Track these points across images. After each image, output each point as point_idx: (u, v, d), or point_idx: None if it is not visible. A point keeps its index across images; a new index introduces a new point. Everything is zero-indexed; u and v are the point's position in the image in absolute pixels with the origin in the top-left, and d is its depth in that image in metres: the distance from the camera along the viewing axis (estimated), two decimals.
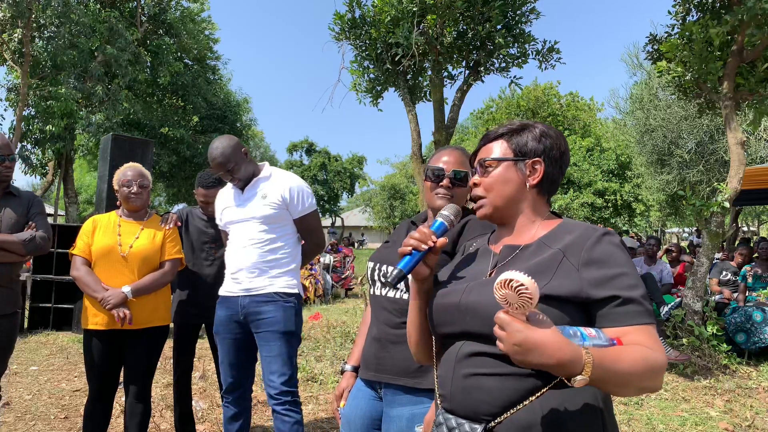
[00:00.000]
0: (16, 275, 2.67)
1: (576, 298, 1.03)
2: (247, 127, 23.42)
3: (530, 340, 0.88)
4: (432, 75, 6.46)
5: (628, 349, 0.97)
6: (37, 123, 13.61)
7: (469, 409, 1.08)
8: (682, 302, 5.80)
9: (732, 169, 5.59)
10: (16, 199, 2.69)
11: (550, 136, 1.20)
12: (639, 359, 0.94)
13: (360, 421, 1.67)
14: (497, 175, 1.20)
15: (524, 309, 0.89)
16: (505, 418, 1.03)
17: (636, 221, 20.73)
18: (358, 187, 36.53)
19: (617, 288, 1.02)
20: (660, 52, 6.17)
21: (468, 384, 1.09)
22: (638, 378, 0.94)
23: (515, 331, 0.89)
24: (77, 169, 26.03)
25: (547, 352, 0.87)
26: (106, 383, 2.66)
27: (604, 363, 0.90)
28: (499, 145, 1.22)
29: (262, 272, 2.47)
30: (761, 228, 33.58)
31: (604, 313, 1.02)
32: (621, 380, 0.93)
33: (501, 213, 1.21)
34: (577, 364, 0.88)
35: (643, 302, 1.02)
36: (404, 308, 1.58)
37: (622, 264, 1.05)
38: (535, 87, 24.00)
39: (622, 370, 0.92)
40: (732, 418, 3.96)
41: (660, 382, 0.98)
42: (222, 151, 2.43)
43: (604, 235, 1.09)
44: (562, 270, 1.06)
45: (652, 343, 0.99)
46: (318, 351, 5.69)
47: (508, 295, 0.89)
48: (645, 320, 1.01)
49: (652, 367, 0.95)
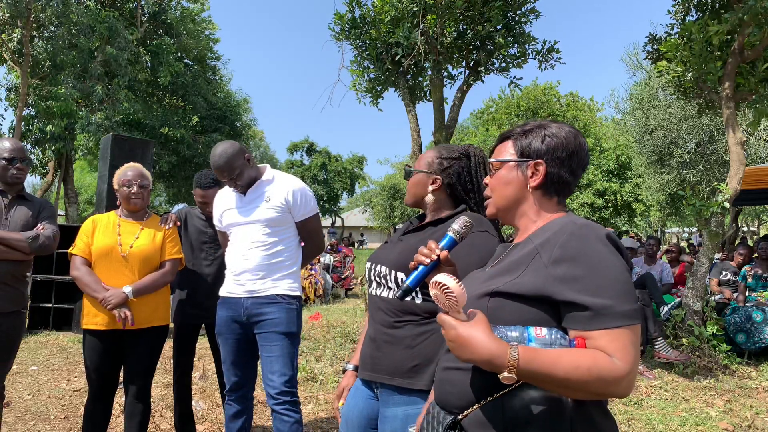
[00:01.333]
0: (22, 275, 2.68)
1: (540, 297, 1.01)
2: (247, 127, 23.39)
3: (460, 336, 0.95)
4: (432, 75, 6.45)
5: (576, 352, 0.94)
6: (37, 123, 13.61)
7: (443, 400, 1.14)
8: (682, 302, 5.81)
9: (732, 169, 5.59)
10: (28, 203, 2.74)
11: (557, 137, 1.17)
12: (584, 367, 0.92)
13: (357, 420, 1.68)
14: (500, 176, 1.22)
15: (454, 309, 0.97)
16: (470, 412, 1.06)
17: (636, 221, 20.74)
18: (358, 187, 36.55)
19: (581, 290, 0.97)
20: (660, 52, 6.17)
21: (443, 376, 1.15)
22: (580, 384, 0.92)
23: (450, 327, 0.96)
24: (77, 169, 26.05)
25: (473, 348, 0.93)
26: (106, 383, 2.65)
27: (533, 364, 0.92)
28: (507, 145, 1.23)
29: (265, 275, 2.48)
30: (761, 228, 33.58)
31: (570, 316, 0.99)
32: (557, 383, 0.93)
33: (504, 213, 1.23)
34: (501, 361, 0.92)
35: (612, 304, 0.96)
36: (398, 308, 1.60)
37: (593, 262, 0.99)
38: (535, 87, 24.00)
39: (557, 374, 0.92)
40: (732, 418, 3.96)
41: (619, 391, 0.94)
42: (226, 158, 2.42)
43: (583, 229, 1.04)
44: (533, 267, 1.05)
45: (617, 348, 0.94)
46: (318, 351, 5.69)
47: (438, 296, 0.97)
48: (614, 323, 0.95)
49: (600, 376, 0.91)
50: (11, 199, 2.69)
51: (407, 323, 1.58)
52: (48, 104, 12.83)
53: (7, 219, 2.63)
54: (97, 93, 13.57)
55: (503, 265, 1.13)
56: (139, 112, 16.29)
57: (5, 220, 2.63)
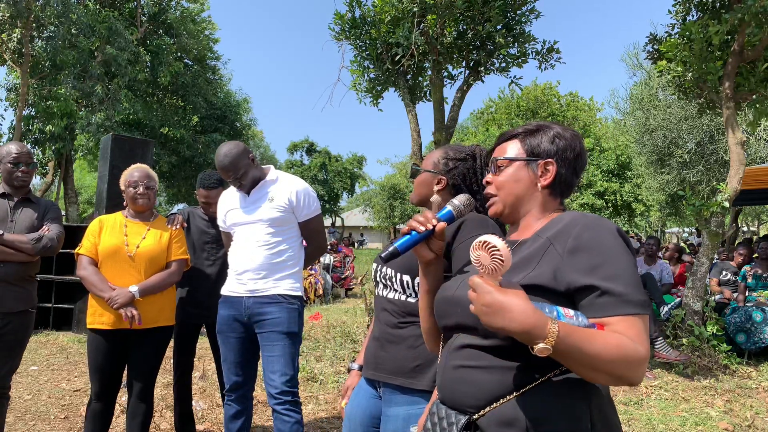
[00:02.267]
0: (28, 275, 2.72)
1: (558, 286, 1.01)
2: (247, 127, 23.42)
3: (497, 301, 0.90)
4: (432, 75, 6.45)
5: (604, 333, 0.94)
6: (36, 123, 13.61)
7: (455, 400, 1.10)
8: (682, 302, 5.81)
9: (732, 169, 5.59)
10: (33, 205, 2.78)
11: (565, 138, 1.20)
12: (612, 345, 0.92)
13: (360, 418, 1.69)
14: (509, 174, 1.21)
15: (496, 273, 0.92)
16: (488, 411, 1.03)
17: (636, 221, 20.75)
18: (358, 187, 36.59)
19: (599, 277, 0.98)
20: (660, 52, 6.17)
21: (456, 375, 1.11)
22: (608, 364, 0.91)
23: (485, 292, 0.91)
24: (77, 169, 26.04)
25: (511, 315, 0.89)
26: (109, 383, 2.66)
27: (570, 338, 0.89)
28: (513, 145, 1.23)
29: (267, 274, 2.49)
30: (761, 228, 33.59)
31: (586, 303, 1.00)
32: (588, 361, 0.91)
33: (510, 211, 1.22)
34: (540, 331, 0.88)
35: (628, 292, 0.97)
36: (403, 309, 1.61)
37: (608, 251, 1.00)
38: (534, 87, 24.02)
39: (590, 351, 0.90)
40: (732, 418, 3.96)
41: (637, 376, 0.94)
42: (231, 158, 2.45)
43: (595, 221, 1.06)
44: (547, 258, 1.05)
45: (634, 335, 0.95)
46: (318, 351, 5.69)
47: (481, 257, 0.92)
48: (629, 310, 0.97)
49: (627, 356, 0.92)
50: (17, 201, 2.74)
51: (411, 324, 1.59)
52: (48, 104, 12.84)
53: (12, 221, 2.67)
54: (97, 93, 13.57)
55: (514, 262, 1.11)
56: (139, 112, 16.31)
57: (10, 222, 2.67)
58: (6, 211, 2.68)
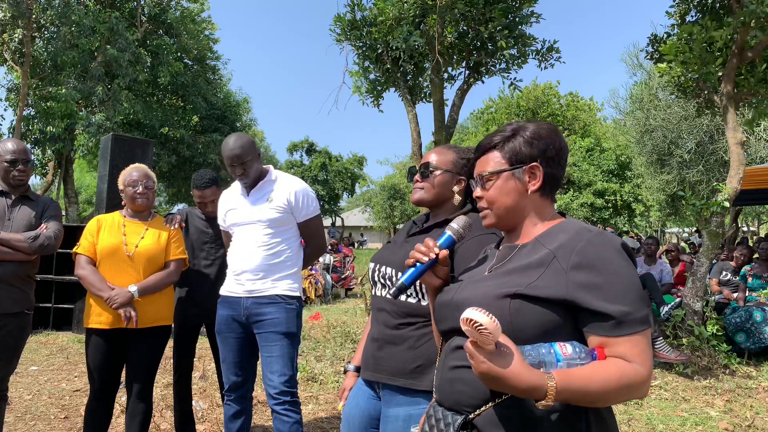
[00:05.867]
0: (26, 275, 2.66)
1: (563, 301, 1.03)
2: (247, 127, 23.41)
3: (493, 371, 0.93)
4: (432, 75, 6.45)
5: (603, 366, 0.98)
6: (37, 123, 13.61)
7: (452, 400, 1.12)
8: (682, 302, 5.80)
9: (732, 169, 5.59)
10: (32, 203, 2.73)
11: (542, 137, 1.18)
12: (614, 378, 0.96)
13: (359, 420, 1.68)
14: (497, 187, 1.20)
15: (487, 344, 0.95)
16: (483, 410, 1.05)
17: (636, 221, 20.75)
18: (358, 187, 36.54)
19: (605, 299, 1.00)
20: (661, 53, 6.17)
21: (452, 376, 1.13)
22: (613, 395, 0.97)
23: (479, 362, 0.95)
24: (77, 169, 26.01)
25: (508, 383, 0.93)
26: (108, 383, 2.66)
27: (571, 386, 0.94)
28: (493, 156, 1.21)
29: (266, 275, 2.49)
30: (761, 228, 33.58)
31: (589, 322, 1.02)
32: (592, 399, 0.97)
33: (506, 222, 1.22)
34: (539, 392, 0.93)
35: (630, 311, 1.00)
36: (402, 310, 1.60)
37: (612, 270, 1.02)
38: (534, 87, 24.02)
39: (593, 390, 0.95)
40: (732, 418, 3.96)
41: (643, 393, 0.99)
42: (241, 144, 2.47)
43: (599, 236, 1.07)
44: (551, 271, 1.06)
45: (636, 354, 0.99)
46: (318, 351, 5.69)
47: (470, 332, 0.95)
48: (632, 330, 1.00)
49: (629, 383, 0.97)
50: (15, 199, 2.69)
51: (410, 324, 1.58)
52: (48, 105, 12.85)
53: (9, 220, 2.63)
54: (98, 93, 13.58)
55: (513, 267, 1.12)
56: (139, 112, 16.29)
57: (8, 220, 2.62)
58: (3, 209, 2.64)
